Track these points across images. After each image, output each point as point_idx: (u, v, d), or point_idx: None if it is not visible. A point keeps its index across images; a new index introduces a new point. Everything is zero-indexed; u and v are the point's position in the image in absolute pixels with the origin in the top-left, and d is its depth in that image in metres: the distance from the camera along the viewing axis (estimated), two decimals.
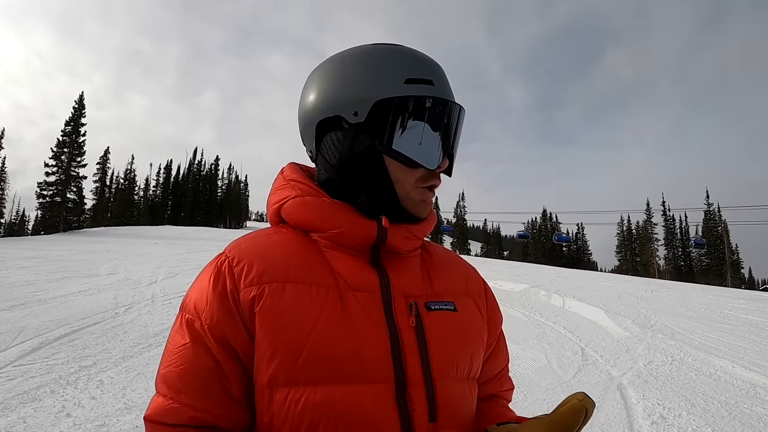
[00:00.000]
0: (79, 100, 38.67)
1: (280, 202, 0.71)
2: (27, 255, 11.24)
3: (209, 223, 53.68)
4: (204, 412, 0.58)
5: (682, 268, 54.28)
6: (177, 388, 0.60)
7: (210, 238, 22.81)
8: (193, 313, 0.62)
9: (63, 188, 35.94)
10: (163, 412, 0.60)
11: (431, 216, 0.74)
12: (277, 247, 0.66)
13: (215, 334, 0.60)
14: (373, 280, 0.65)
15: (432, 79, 0.67)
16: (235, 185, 66.66)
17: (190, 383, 0.59)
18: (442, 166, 0.68)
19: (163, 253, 13.41)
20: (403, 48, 0.70)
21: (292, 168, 0.75)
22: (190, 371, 0.60)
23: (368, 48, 0.69)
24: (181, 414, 0.59)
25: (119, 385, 3.55)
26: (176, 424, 0.59)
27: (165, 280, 8.67)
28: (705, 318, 8.34)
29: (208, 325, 0.61)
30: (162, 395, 0.61)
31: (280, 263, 0.63)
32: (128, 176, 54.13)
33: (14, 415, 2.92)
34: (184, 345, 0.61)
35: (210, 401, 0.59)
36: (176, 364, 0.61)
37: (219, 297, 0.61)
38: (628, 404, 3.71)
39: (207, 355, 0.60)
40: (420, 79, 0.66)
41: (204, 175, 61.40)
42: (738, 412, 3.68)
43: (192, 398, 0.59)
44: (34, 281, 7.64)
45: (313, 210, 0.67)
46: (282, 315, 0.59)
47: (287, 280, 0.62)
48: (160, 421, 0.59)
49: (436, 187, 0.71)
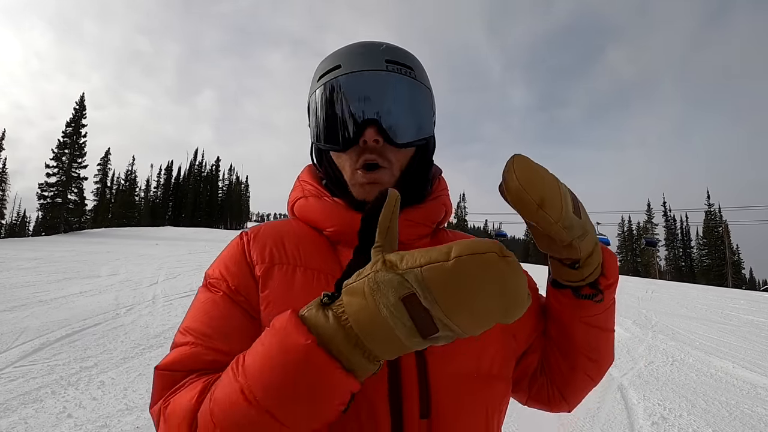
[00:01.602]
0: (80, 101, 38.74)
1: (292, 201, 0.76)
2: (28, 256, 11.26)
3: (210, 224, 53.71)
4: (229, 356, 0.55)
5: (682, 269, 54.23)
6: (203, 333, 0.59)
7: (211, 239, 22.82)
8: (218, 276, 0.65)
9: (64, 189, 35.99)
10: (183, 357, 0.57)
11: (432, 201, 0.73)
12: (292, 234, 0.70)
13: (239, 293, 0.63)
14: None
15: (339, 63, 0.69)
16: (236, 186, 66.76)
17: (217, 329, 0.59)
18: (366, 137, 0.65)
19: (163, 254, 13.42)
20: (347, 45, 0.73)
21: (308, 170, 0.79)
22: (216, 319, 0.60)
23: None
24: (204, 356, 0.57)
25: (120, 386, 3.56)
26: (197, 368, 0.56)
27: (166, 281, 8.68)
28: (706, 318, 8.34)
29: (234, 285, 0.63)
30: (181, 344, 0.59)
31: (292, 248, 0.67)
32: (129, 177, 54.33)
33: (15, 415, 2.93)
34: (210, 299, 0.63)
35: (236, 346, 0.57)
36: (201, 314, 0.62)
37: (241, 265, 0.65)
38: (629, 405, 3.71)
39: (233, 308, 0.62)
40: (328, 70, 0.69)
41: (205, 176, 61.54)
42: (739, 413, 3.68)
43: (218, 342, 0.58)
44: (35, 282, 7.65)
45: (314, 209, 0.71)
46: (287, 297, 0.61)
47: (297, 264, 0.65)
48: (179, 368, 0.57)
49: (374, 161, 0.67)
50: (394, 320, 0.40)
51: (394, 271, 0.41)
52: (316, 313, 0.44)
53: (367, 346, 0.42)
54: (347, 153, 0.68)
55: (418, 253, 0.41)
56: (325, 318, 0.44)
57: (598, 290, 0.67)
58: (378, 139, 0.66)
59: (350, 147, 0.67)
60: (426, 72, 0.76)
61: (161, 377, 0.57)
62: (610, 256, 0.69)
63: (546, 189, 0.56)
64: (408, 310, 0.40)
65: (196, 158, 62.01)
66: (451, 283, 0.38)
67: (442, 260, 0.39)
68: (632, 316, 7.99)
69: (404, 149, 0.69)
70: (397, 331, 0.41)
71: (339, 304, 0.44)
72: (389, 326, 0.41)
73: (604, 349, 0.75)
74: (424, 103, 0.72)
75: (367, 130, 0.65)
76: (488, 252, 0.39)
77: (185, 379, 0.55)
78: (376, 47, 0.70)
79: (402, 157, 0.70)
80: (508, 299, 0.39)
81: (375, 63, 0.67)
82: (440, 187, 0.78)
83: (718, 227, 50.66)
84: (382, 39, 1.45)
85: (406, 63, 0.70)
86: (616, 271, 0.69)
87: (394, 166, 0.69)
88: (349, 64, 0.68)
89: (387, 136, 0.66)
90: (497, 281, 0.38)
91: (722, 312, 9.24)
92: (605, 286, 0.68)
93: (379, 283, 0.41)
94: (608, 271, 0.68)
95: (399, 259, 0.42)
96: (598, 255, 0.66)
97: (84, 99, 39.12)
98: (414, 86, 0.70)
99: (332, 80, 0.68)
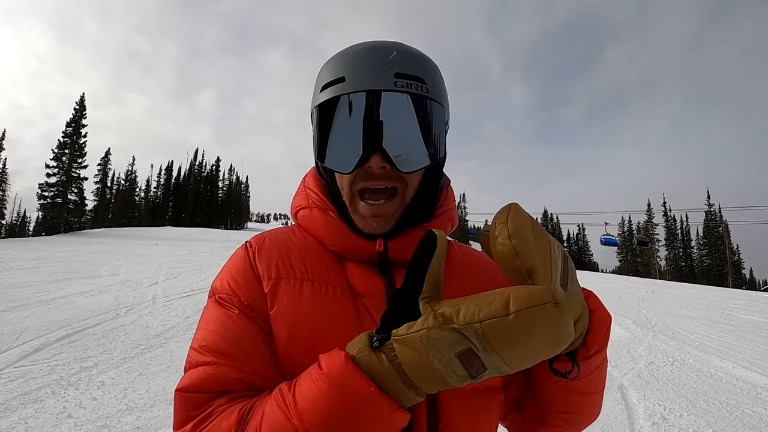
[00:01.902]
0: (80, 101, 38.75)
1: (296, 208, 0.73)
2: (28, 256, 11.25)
3: (210, 225, 53.70)
4: (253, 374, 0.55)
5: (683, 269, 54.25)
6: (221, 351, 0.57)
7: (211, 239, 22.82)
8: (228, 291, 0.63)
9: (64, 189, 35.98)
10: (204, 379, 0.55)
11: (440, 218, 0.70)
12: (297, 246, 0.68)
13: (253, 309, 0.61)
14: (379, 288, 0.64)
15: (344, 75, 0.63)
16: (236, 186, 66.75)
17: (236, 347, 0.57)
18: (371, 164, 0.61)
19: (164, 254, 13.42)
20: (347, 48, 0.67)
21: (313, 173, 0.75)
22: (234, 336, 0.58)
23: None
24: (226, 377, 0.55)
25: (120, 386, 3.56)
26: (221, 390, 0.54)
27: (166, 281, 8.68)
28: (706, 318, 8.33)
29: (246, 301, 0.62)
30: (200, 365, 0.57)
31: (297, 261, 0.65)
32: (129, 177, 54.33)
33: (15, 416, 2.93)
34: (225, 314, 0.61)
35: (258, 364, 0.56)
36: (216, 332, 0.59)
37: (249, 280, 0.64)
38: (629, 405, 3.71)
39: (249, 325, 0.60)
40: (332, 81, 0.64)
41: (205, 176, 61.53)
42: (739, 413, 3.68)
43: (238, 361, 0.56)
44: (36, 282, 7.65)
45: (318, 224, 0.69)
46: (296, 313, 0.60)
47: (304, 278, 0.63)
48: (201, 389, 0.54)
49: (381, 186, 0.63)
50: (447, 373, 0.43)
51: (451, 328, 0.42)
52: (369, 356, 0.46)
53: (418, 385, 0.45)
54: (348, 176, 0.64)
55: (473, 305, 0.42)
56: (379, 361, 0.45)
57: (574, 362, 0.57)
58: (385, 166, 0.61)
59: (353, 171, 0.63)
60: (441, 77, 0.69)
61: (184, 399, 0.55)
62: (600, 322, 0.58)
63: (538, 256, 0.49)
64: (462, 363, 0.42)
65: (196, 158, 62.11)
66: (511, 337, 0.40)
67: (502, 314, 0.40)
68: (632, 316, 7.99)
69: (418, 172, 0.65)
70: (450, 380, 0.43)
71: (391, 348, 0.45)
72: (441, 377, 0.43)
73: (584, 412, 0.67)
74: (437, 122, 0.65)
75: (372, 158, 0.60)
76: (546, 302, 0.40)
77: (212, 403, 0.53)
78: (385, 57, 0.63)
79: (415, 178, 0.65)
80: (559, 341, 0.41)
81: (382, 79, 0.61)
82: (448, 200, 0.74)
83: (718, 227, 50.65)
84: (381, 38, 1.41)
85: (417, 75, 0.63)
86: (600, 341, 0.58)
87: (407, 190, 0.65)
88: (355, 79, 0.62)
89: (395, 163, 0.61)
90: (553, 328, 0.40)
91: (722, 312, 9.23)
92: (583, 358, 0.58)
93: (433, 341, 0.42)
94: (591, 341, 0.57)
95: (454, 312, 0.43)
96: (584, 322, 0.56)
97: (84, 99, 39.16)
98: (427, 105, 0.63)
99: (335, 97, 0.62)
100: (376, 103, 0.60)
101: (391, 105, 0.60)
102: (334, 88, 0.63)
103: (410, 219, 0.68)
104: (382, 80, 0.61)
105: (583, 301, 0.56)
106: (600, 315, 0.59)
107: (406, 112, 0.61)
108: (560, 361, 0.60)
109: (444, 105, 0.67)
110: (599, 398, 0.68)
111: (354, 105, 0.61)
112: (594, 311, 0.59)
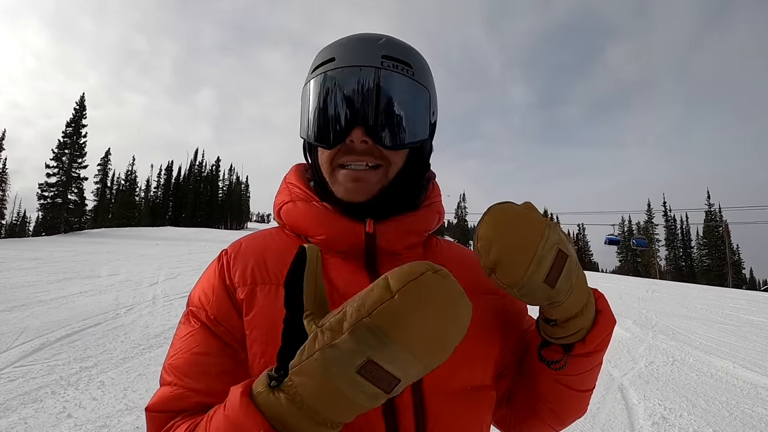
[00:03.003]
0: (80, 101, 38.81)
1: (278, 205, 0.72)
2: (28, 256, 11.26)
3: (210, 224, 53.74)
4: (211, 396, 0.56)
5: (683, 269, 54.26)
6: (183, 373, 0.58)
7: (211, 239, 22.84)
8: (197, 305, 0.64)
9: (64, 189, 36.01)
10: (168, 399, 0.57)
11: (426, 208, 0.70)
12: (274, 249, 0.67)
13: (219, 322, 0.61)
14: (363, 286, 0.63)
15: (333, 56, 0.64)
16: (236, 186, 66.78)
17: (197, 368, 0.58)
18: (353, 137, 0.61)
19: (164, 254, 13.42)
20: (346, 36, 0.69)
21: (294, 170, 0.75)
22: (196, 356, 0.59)
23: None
24: (187, 399, 0.56)
25: (120, 386, 3.56)
26: (182, 409, 0.56)
27: (166, 281, 8.68)
28: (706, 318, 8.33)
29: (213, 315, 0.62)
30: (166, 384, 0.59)
31: (274, 265, 0.64)
32: (129, 177, 54.37)
33: (15, 415, 2.93)
34: (190, 332, 0.62)
35: (217, 384, 0.57)
36: (182, 351, 0.60)
37: (219, 291, 0.63)
38: (629, 405, 3.70)
39: (212, 341, 0.60)
40: (322, 62, 0.65)
41: (205, 176, 61.58)
42: (739, 413, 3.68)
43: (198, 383, 0.57)
44: (35, 282, 7.65)
45: (302, 215, 0.67)
46: (272, 319, 0.58)
47: (280, 283, 0.60)
48: (164, 409, 0.57)
49: (362, 162, 0.63)
50: (355, 393, 0.40)
51: (342, 339, 0.39)
52: (267, 397, 0.42)
53: (328, 418, 0.41)
54: (333, 150, 0.64)
55: (356, 302, 0.40)
56: (277, 401, 0.41)
57: (565, 355, 0.60)
58: (366, 140, 0.62)
59: (336, 145, 0.63)
60: (429, 70, 0.71)
61: (151, 419, 0.58)
62: (604, 323, 0.60)
63: (507, 250, 0.52)
64: (368, 379, 0.39)
65: (196, 158, 62.21)
66: (404, 317, 0.38)
67: (387, 298, 0.39)
68: (632, 316, 7.99)
69: (398, 150, 0.66)
70: (359, 401, 0.40)
71: (290, 385, 0.41)
72: (350, 399, 0.40)
73: (572, 407, 0.70)
74: (420, 104, 0.66)
75: (354, 130, 0.61)
76: (424, 272, 0.40)
77: (172, 421, 0.56)
78: (374, 41, 0.65)
79: (398, 157, 0.65)
80: (454, 309, 0.40)
81: (370, 58, 0.62)
82: (434, 193, 0.74)
83: (718, 227, 50.63)
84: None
85: (404, 59, 0.65)
86: (600, 341, 0.60)
87: (390, 168, 0.65)
88: (343, 58, 0.63)
89: (377, 137, 0.62)
90: (441, 295, 0.40)
91: (722, 312, 9.23)
92: (578, 354, 0.60)
93: (328, 362, 0.39)
94: (591, 339, 0.59)
95: (338, 321, 0.40)
96: (585, 320, 0.58)
97: (84, 99, 39.26)
98: (410, 86, 0.65)
99: (323, 73, 0.64)
100: (361, 79, 0.62)
101: (375, 81, 0.62)
102: (323, 67, 0.65)
103: (396, 205, 0.67)
104: (370, 59, 0.63)
105: (583, 299, 0.58)
106: (605, 316, 0.61)
107: (391, 89, 0.63)
108: (548, 350, 0.62)
109: (430, 91, 0.69)
110: (589, 396, 0.70)
111: (338, 80, 0.63)
112: (601, 312, 0.61)
